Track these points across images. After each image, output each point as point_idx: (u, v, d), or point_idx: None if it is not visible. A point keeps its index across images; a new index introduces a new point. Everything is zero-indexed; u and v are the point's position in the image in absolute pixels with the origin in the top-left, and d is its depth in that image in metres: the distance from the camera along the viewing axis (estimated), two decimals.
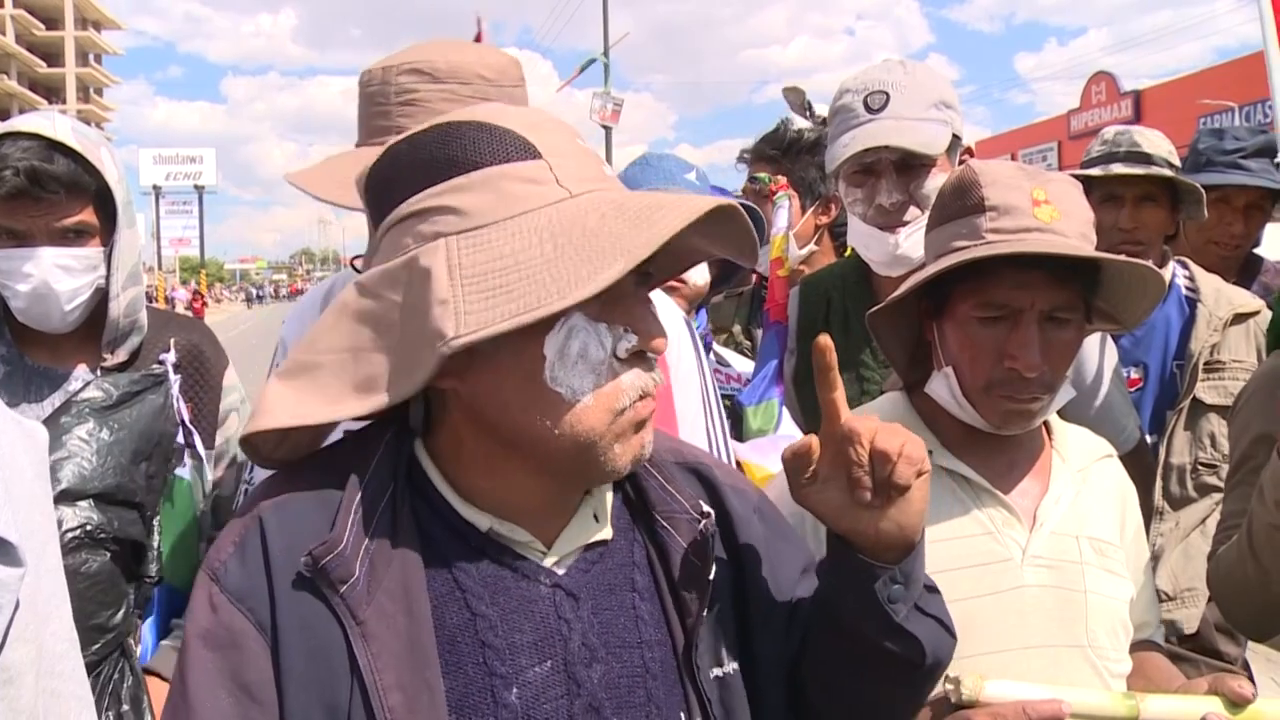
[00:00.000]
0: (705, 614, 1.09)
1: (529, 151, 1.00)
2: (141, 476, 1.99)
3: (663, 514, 1.13)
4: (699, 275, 2.25)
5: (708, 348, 2.35)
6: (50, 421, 1.89)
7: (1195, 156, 3.19)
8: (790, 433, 2.06)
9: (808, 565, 1.24)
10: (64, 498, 1.85)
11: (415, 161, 1.02)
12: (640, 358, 1.03)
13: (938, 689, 1.37)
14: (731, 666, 1.12)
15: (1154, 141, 2.72)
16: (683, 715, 1.08)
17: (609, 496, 1.14)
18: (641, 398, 1.03)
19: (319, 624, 0.97)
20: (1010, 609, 1.48)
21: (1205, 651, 2.44)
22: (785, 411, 2.03)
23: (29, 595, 1.01)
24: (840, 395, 1.11)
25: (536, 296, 0.93)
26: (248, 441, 1.06)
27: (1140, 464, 2.24)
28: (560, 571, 1.07)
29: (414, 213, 1.00)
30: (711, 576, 1.09)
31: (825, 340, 1.09)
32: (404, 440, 1.07)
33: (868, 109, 2.03)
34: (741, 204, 2.29)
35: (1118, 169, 2.67)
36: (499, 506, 1.06)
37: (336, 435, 1.11)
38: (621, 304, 1.01)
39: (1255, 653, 2.86)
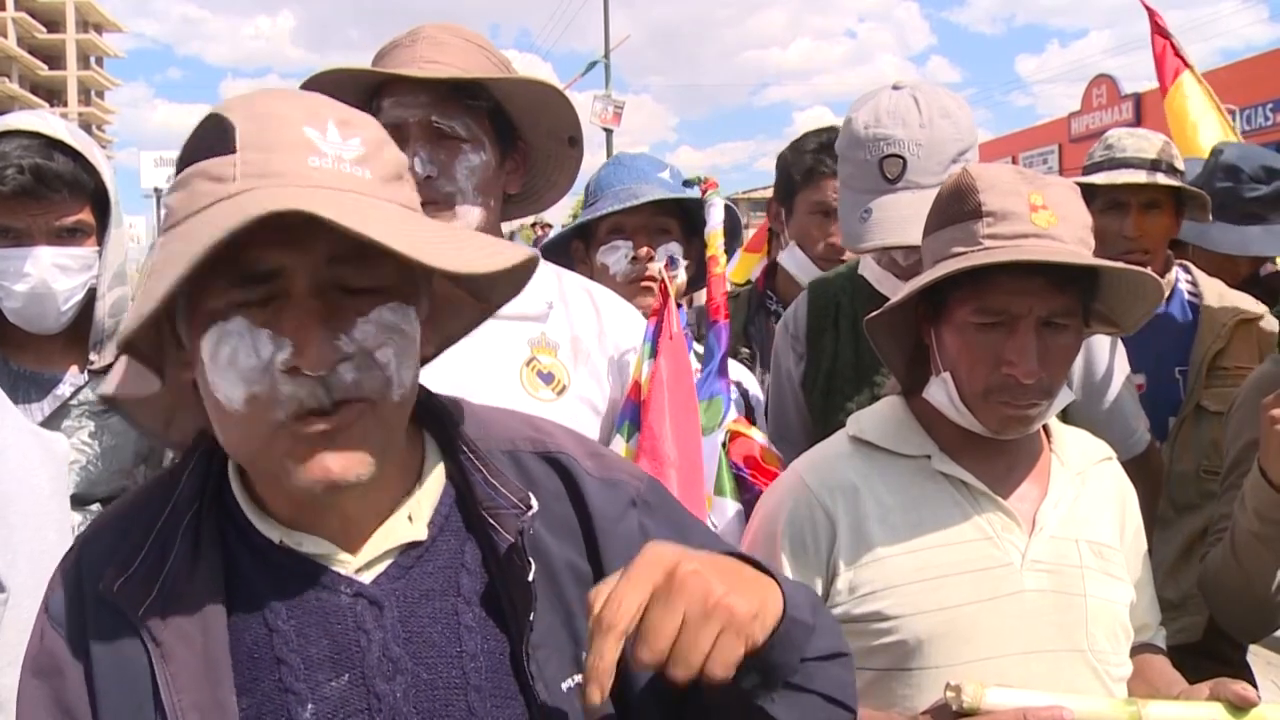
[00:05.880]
0: (534, 618, 0.99)
1: (226, 145, 0.93)
2: (142, 479, 1.99)
3: (489, 510, 1.03)
4: (676, 273, 2.24)
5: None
6: (49, 425, 1.88)
7: (1210, 195, 2.99)
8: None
9: None
10: (73, 502, 1.84)
11: (181, 155, 0.99)
12: (303, 374, 0.92)
13: (939, 696, 1.37)
14: None
15: (1159, 146, 2.70)
16: None
17: (430, 494, 1.06)
18: (303, 415, 0.92)
19: (126, 646, 0.96)
20: (1010, 614, 1.48)
21: (1209, 656, 2.44)
22: (730, 408, 2.01)
23: (29, 619, 0.99)
24: None
25: (148, 305, 0.88)
26: (115, 405, 1.07)
27: (1150, 467, 2.24)
28: (366, 579, 1.00)
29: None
30: (531, 578, 0.99)
31: None
32: (215, 458, 1.04)
33: (884, 176, 1.94)
34: (728, 205, 2.27)
35: (1124, 176, 2.64)
36: (292, 517, 1.01)
37: None
38: (289, 312, 0.92)
39: (1256, 655, 2.86)
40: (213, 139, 0.94)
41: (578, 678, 1.01)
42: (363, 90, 1.72)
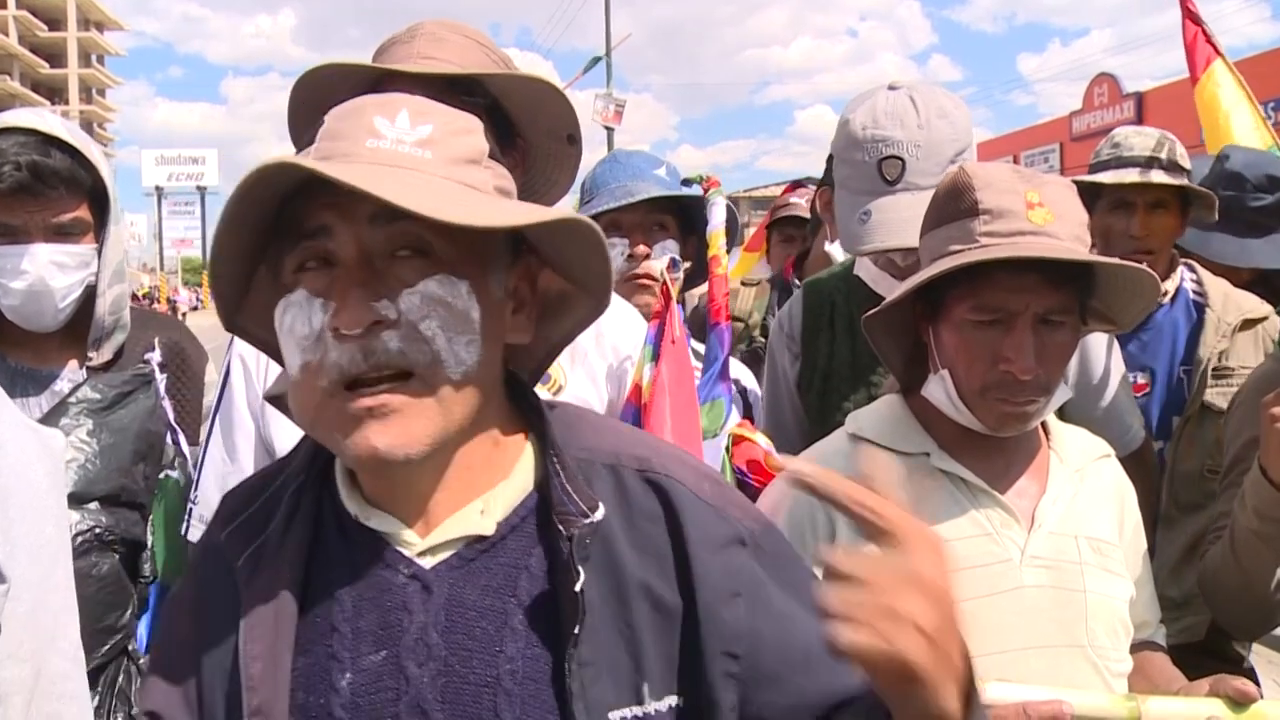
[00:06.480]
0: (580, 631, 0.96)
1: (313, 139, 1.05)
2: (140, 477, 1.99)
3: (559, 516, 1.01)
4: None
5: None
6: (47, 422, 1.88)
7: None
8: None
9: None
10: (71, 501, 1.84)
11: None
12: (343, 335, 0.95)
13: None
14: (660, 705, 0.99)
15: (1153, 143, 2.68)
16: None
17: (510, 493, 1.05)
18: (345, 385, 0.95)
19: (225, 590, 1.05)
20: (1010, 610, 1.48)
21: (1212, 655, 2.44)
22: (733, 410, 2.00)
23: (28, 612, 1.00)
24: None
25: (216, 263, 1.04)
26: (277, 404, 1.16)
27: (1144, 464, 2.24)
28: (426, 563, 1.02)
29: None
30: (579, 588, 0.96)
31: None
32: None
33: (883, 178, 1.93)
34: (727, 204, 2.27)
35: (1129, 176, 2.62)
36: (375, 494, 1.05)
37: None
38: (337, 278, 0.97)
39: (1259, 655, 2.86)
40: (313, 137, 1.02)
41: (635, 710, 0.98)
42: (360, 86, 1.72)
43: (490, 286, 1.03)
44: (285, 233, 1.00)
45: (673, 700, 1.00)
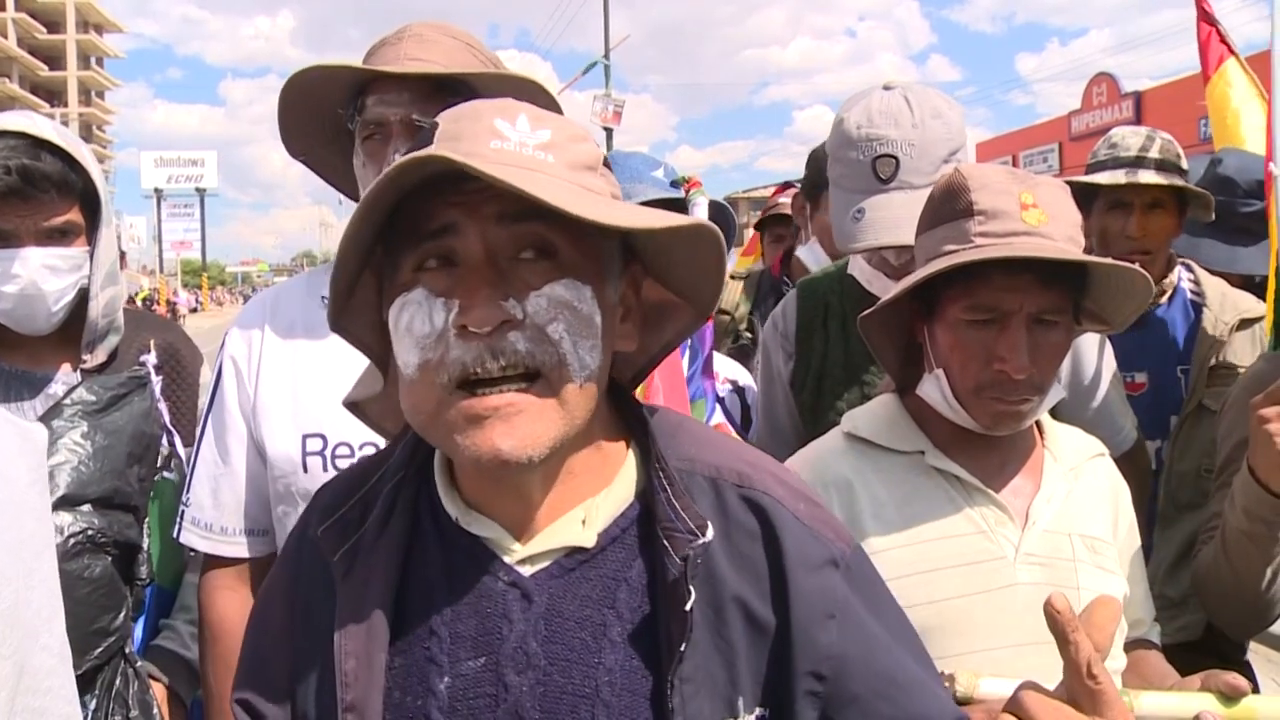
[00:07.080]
0: (686, 649, 0.96)
1: (429, 142, 1.03)
2: (135, 479, 1.98)
3: (665, 531, 1.00)
4: None
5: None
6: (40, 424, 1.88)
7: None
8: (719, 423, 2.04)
9: (913, 673, 1.06)
10: (64, 503, 1.85)
11: None
12: (470, 333, 0.93)
13: None
14: (750, 718, 1.00)
15: (1141, 143, 2.69)
16: None
17: (612, 504, 1.05)
18: (469, 383, 0.94)
19: (320, 585, 1.07)
20: (1004, 607, 1.49)
21: (1209, 653, 2.44)
22: (716, 408, 2.01)
23: (10, 608, 1.00)
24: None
25: (341, 268, 1.02)
26: (357, 411, 1.17)
27: (1137, 465, 2.24)
28: (526, 571, 1.02)
29: None
30: (689, 607, 0.95)
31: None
32: None
33: (877, 176, 1.94)
34: (715, 202, 2.28)
35: (1117, 177, 2.63)
36: (476, 498, 1.05)
37: None
38: (461, 277, 0.96)
39: (1256, 653, 2.86)
40: (425, 139, 1.00)
41: None
42: (350, 88, 1.73)
43: (607, 292, 1.02)
44: (400, 233, 0.99)
45: (760, 712, 1.01)
